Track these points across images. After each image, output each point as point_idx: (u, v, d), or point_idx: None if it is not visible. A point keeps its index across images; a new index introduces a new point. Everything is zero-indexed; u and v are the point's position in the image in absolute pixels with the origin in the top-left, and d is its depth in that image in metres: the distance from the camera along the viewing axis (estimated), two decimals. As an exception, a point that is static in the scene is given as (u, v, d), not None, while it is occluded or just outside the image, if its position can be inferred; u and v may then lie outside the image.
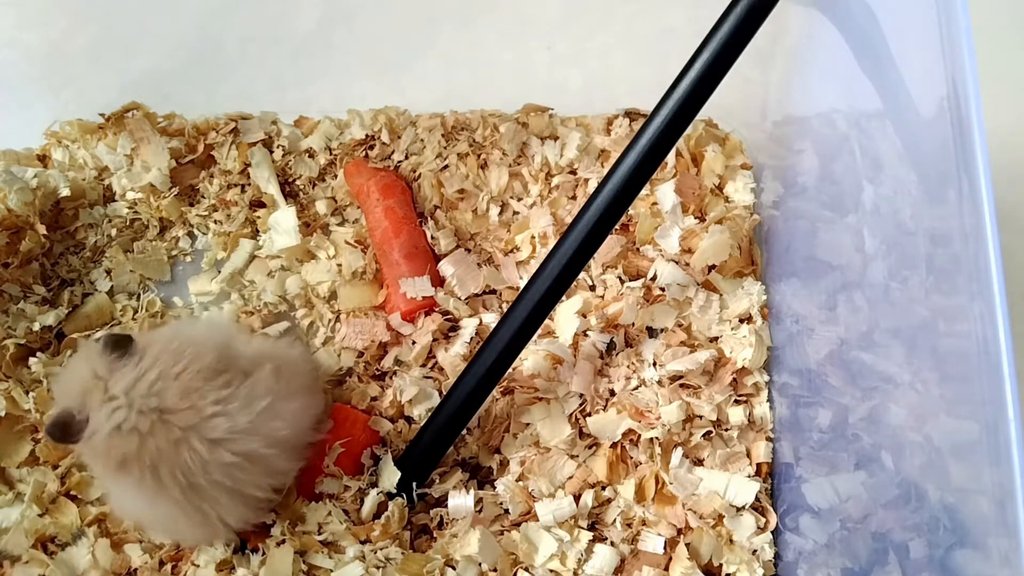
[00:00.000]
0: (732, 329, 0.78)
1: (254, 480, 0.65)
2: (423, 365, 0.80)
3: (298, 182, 0.89)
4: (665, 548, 0.70)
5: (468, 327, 0.80)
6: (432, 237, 0.85)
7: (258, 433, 0.64)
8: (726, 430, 0.75)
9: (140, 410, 0.60)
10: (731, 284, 0.81)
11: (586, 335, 0.79)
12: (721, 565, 0.70)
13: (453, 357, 0.79)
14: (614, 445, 0.75)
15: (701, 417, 0.75)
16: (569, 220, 0.73)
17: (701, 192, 0.85)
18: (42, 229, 0.82)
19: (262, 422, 0.64)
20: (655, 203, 0.84)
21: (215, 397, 0.62)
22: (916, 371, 0.50)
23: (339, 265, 0.84)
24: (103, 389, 0.60)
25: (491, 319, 0.81)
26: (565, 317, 0.79)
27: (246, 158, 0.88)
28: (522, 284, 0.81)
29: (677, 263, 0.81)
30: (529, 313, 0.69)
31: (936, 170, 0.46)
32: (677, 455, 0.73)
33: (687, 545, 0.70)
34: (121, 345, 0.61)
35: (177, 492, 0.62)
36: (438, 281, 0.83)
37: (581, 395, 0.76)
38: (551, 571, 0.70)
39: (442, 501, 0.74)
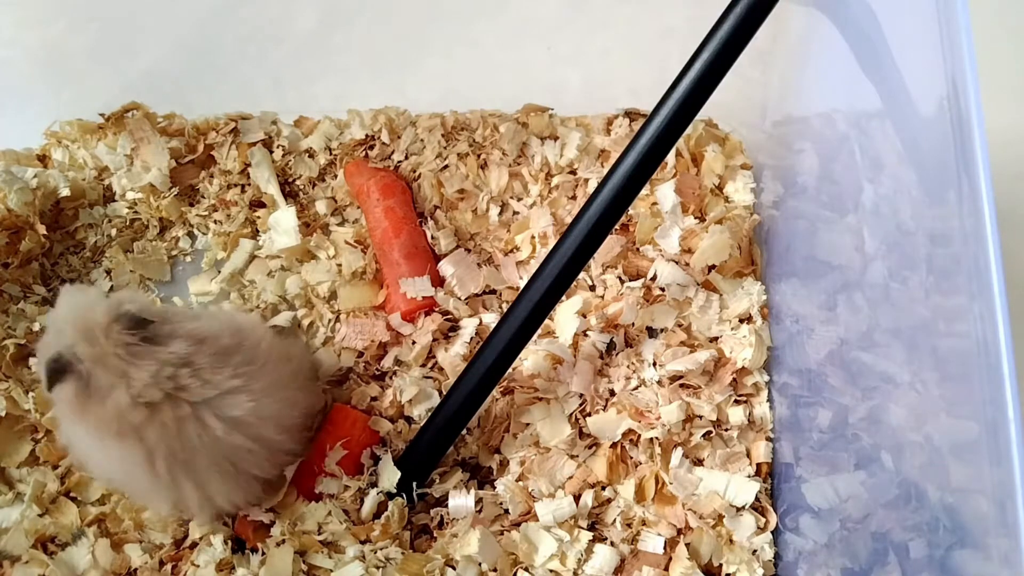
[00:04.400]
0: (732, 329, 0.78)
1: (258, 463, 0.66)
2: (423, 365, 0.80)
3: (298, 182, 0.89)
4: (665, 548, 0.70)
5: (468, 327, 0.80)
6: (432, 237, 0.85)
7: (272, 417, 0.66)
8: (726, 430, 0.75)
9: (158, 387, 0.60)
10: (731, 284, 0.81)
11: (586, 335, 0.79)
12: (721, 565, 0.70)
13: (453, 357, 0.79)
14: (614, 445, 0.75)
15: (701, 417, 0.75)
16: (569, 220, 0.73)
17: (701, 192, 0.85)
18: (42, 229, 0.82)
19: (277, 406, 0.66)
20: (655, 203, 0.84)
21: (232, 372, 0.63)
22: (916, 371, 0.50)
23: (339, 265, 0.84)
24: (121, 359, 0.60)
25: (491, 319, 0.81)
26: (565, 317, 0.79)
27: (246, 158, 0.88)
28: (522, 284, 0.80)
29: (677, 263, 0.81)
30: (529, 313, 0.69)
31: (936, 170, 0.46)
32: (677, 455, 0.73)
33: (687, 545, 0.70)
34: (141, 326, 0.61)
35: (163, 468, 0.62)
36: (438, 281, 0.83)
37: (581, 395, 0.76)
38: (551, 571, 0.70)
39: (442, 501, 0.74)
